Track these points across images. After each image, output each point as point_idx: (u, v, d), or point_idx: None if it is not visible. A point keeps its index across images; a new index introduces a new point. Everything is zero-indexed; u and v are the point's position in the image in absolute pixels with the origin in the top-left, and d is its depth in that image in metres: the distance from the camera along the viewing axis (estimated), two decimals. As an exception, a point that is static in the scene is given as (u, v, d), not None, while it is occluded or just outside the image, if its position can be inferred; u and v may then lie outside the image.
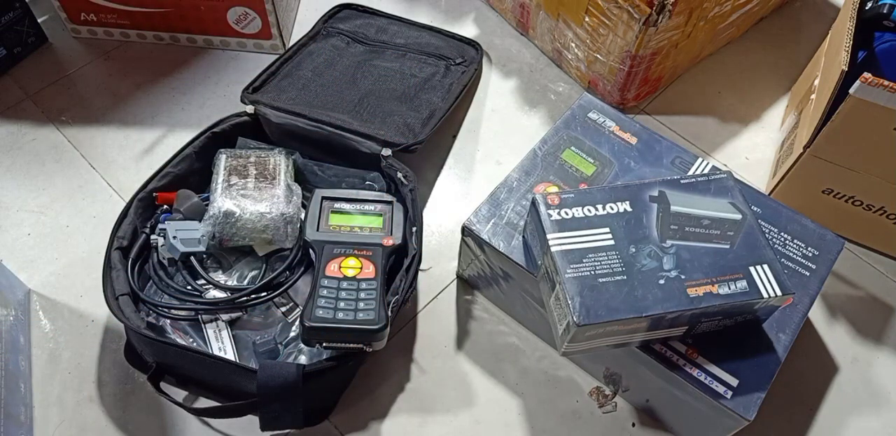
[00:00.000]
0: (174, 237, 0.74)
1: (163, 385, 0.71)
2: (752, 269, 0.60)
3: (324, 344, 0.67)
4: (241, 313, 0.75)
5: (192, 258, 0.75)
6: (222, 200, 0.75)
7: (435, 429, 0.73)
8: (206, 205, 0.76)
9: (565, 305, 0.58)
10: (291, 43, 0.99)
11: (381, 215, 0.78)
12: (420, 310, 0.80)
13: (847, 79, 0.69)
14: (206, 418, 0.72)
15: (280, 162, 0.81)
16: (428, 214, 0.87)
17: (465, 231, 0.72)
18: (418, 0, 1.08)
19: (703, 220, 0.63)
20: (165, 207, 0.78)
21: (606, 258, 0.60)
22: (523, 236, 0.70)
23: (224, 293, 0.74)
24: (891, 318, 0.82)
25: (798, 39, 1.06)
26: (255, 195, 0.76)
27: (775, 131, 0.96)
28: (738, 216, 0.64)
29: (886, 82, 0.66)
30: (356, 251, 0.73)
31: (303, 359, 0.73)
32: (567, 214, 0.63)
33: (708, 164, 0.75)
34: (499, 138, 0.95)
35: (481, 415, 0.74)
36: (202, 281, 0.75)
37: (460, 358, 0.77)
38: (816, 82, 0.84)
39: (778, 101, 0.99)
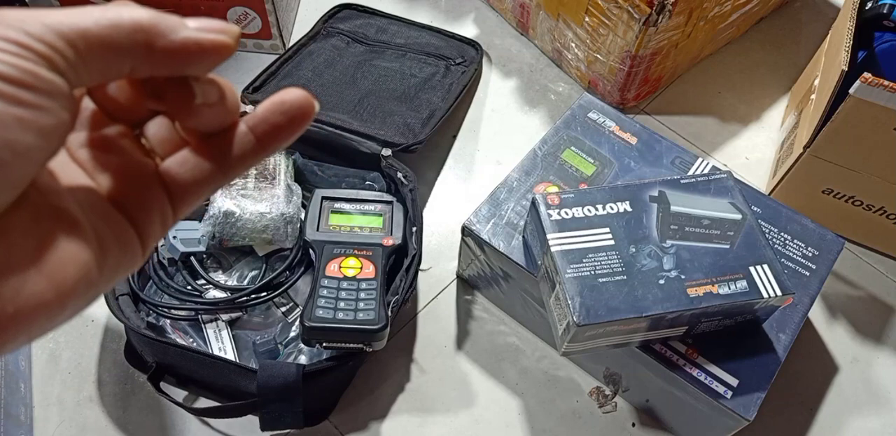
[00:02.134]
0: (174, 237, 0.74)
1: (163, 385, 0.71)
2: (752, 269, 0.60)
3: (324, 344, 0.67)
4: (241, 313, 0.75)
5: (192, 258, 0.75)
6: (222, 200, 0.75)
7: (435, 429, 0.73)
8: (206, 205, 0.76)
9: (565, 305, 0.58)
10: (291, 43, 0.99)
11: (381, 215, 0.78)
12: (420, 310, 0.80)
13: (847, 79, 0.69)
14: (206, 418, 0.72)
15: (280, 162, 0.81)
16: (428, 214, 0.87)
17: (465, 231, 0.72)
18: (418, 0, 1.08)
19: (703, 220, 0.63)
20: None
21: (606, 258, 0.60)
22: (523, 236, 0.70)
23: (224, 293, 0.74)
24: (891, 318, 0.82)
25: (798, 39, 1.06)
26: (255, 195, 0.76)
27: (775, 131, 0.96)
28: (738, 216, 0.64)
29: (886, 82, 0.66)
30: (356, 251, 0.73)
31: (303, 359, 0.73)
32: (567, 214, 0.63)
33: (708, 164, 0.75)
34: (499, 138, 0.94)
35: (481, 415, 0.74)
36: (202, 281, 0.75)
37: (460, 358, 0.77)
38: (816, 82, 0.84)
39: (778, 101, 0.99)
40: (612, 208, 0.63)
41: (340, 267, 0.71)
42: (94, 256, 0.21)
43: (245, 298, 0.73)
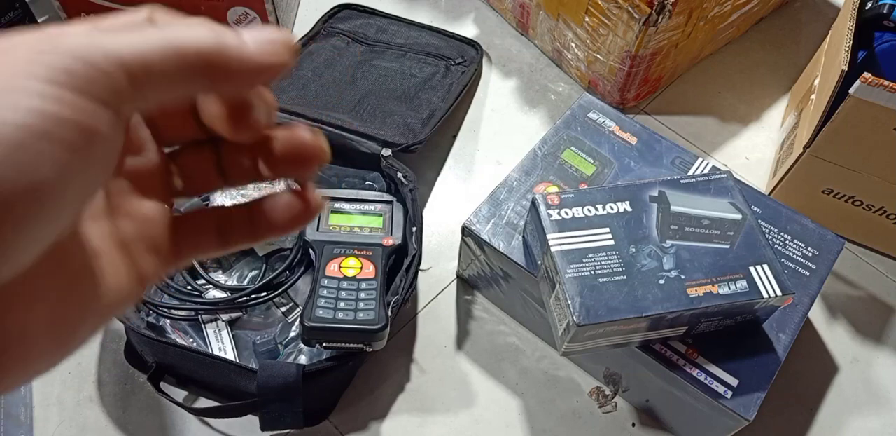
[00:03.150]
0: (174, 237, 0.74)
1: (163, 385, 0.71)
2: (752, 269, 0.60)
3: (324, 344, 0.67)
4: (241, 313, 0.75)
5: (192, 258, 0.75)
6: (222, 200, 0.75)
7: (435, 429, 0.73)
8: (206, 205, 0.76)
9: (565, 305, 0.58)
10: (291, 43, 0.99)
11: (381, 215, 0.78)
12: (420, 310, 0.80)
13: (847, 79, 0.69)
14: (206, 418, 0.72)
15: (280, 162, 0.81)
16: (428, 214, 0.87)
17: (465, 231, 0.72)
18: (418, 0, 1.08)
19: (703, 220, 0.63)
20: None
21: (606, 258, 0.60)
22: (523, 236, 0.70)
23: (224, 293, 0.74)
24: (891, 318, 0.82)
25: (798, 39, 1.06)
26: (254, 195, 0.76)
27: (775, 131, 0.96)
28: (738, 216, 0.64)
29: (886, 82, 0.66)
30: (356, 251, 0.73)
31: (303, 359, 0.73)
32: (567, 214, 0.63)
33: (708, 164, 0.75)
34: (499, 138, 0.94)
35: (481, 415, 0.74)
36: (202, 281, 0.75)
37: (460, 358, 0.77)
38: (816, 82, 0.84)
39: (778, 101, 0.99)
40: (612, 208, 0.63)
41: (340, 267, 0.71)
42: (105, 315, 0.21)
43: (245, 298, 0.73)
